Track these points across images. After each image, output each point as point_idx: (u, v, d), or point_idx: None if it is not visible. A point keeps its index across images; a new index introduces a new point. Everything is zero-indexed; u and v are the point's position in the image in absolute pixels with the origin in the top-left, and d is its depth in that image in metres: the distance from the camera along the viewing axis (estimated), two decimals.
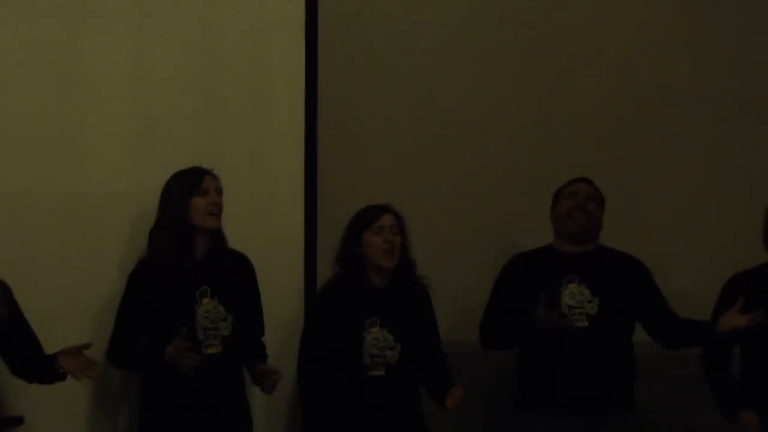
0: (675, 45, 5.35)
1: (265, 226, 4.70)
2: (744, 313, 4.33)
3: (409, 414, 4.42)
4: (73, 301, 4.42)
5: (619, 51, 5.30)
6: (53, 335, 4.14)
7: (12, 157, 4.42)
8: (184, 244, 4.27)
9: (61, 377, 4.08)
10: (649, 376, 4.65)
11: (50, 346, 4.10)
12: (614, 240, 4.69)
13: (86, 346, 4.05)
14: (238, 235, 4.45)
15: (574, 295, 4.52)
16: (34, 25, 4.46)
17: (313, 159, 4.82)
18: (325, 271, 4.70)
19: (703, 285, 4.79)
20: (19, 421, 4.25)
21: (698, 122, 5.35)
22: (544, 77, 5.24)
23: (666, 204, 5.30)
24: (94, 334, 4.27)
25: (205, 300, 4.28)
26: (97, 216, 4.52)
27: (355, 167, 5.04)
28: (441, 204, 5.08)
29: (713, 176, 5.34)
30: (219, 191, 4.32)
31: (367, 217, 4.42)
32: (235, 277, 4.39)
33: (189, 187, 4.28)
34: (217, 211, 4.30)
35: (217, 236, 4.34)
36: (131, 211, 4.52)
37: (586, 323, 4.49)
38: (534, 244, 4.73)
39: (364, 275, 4.42)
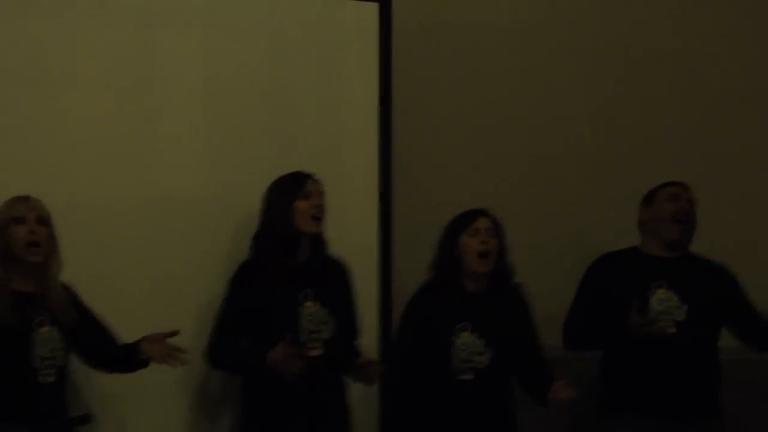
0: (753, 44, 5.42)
1: (340, 229, 4.62)
2: None
3: (499, 418, 4.41)
4: (166, 309, 4.37)
5: (696, 49, 5.35)
6: None
7: (93, 164, 4.37)
8: (289, 247, 4.26)
9: (144, 364, 4.03)
10: (735, 381, 4.67)
11: None
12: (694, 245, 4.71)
13: (172, 334, 4.01)
14: None
15: (662, 301, 4.53)
16: (109, 29, 4.41)
17: (387, 163, 4.82)
18: (400, 274, 4.69)
19: None
20: (86, 419, 4.16)
21: None
22: (624, 78, 5.28)
23: (747, 208, 5.36)
24: (193, 341, 4.21)
25: (309, 303, 4.27)
26: (179, 220, 4.49)
27: (431, 171, 5.03)
28: (519, 207, 5.05)
29: None
30: (321, 195, 4.32)
31: (462, 221, 4.42)
32: (336, 280, 4.40)
33: (292, 190, 4.28)
34: (320, 214, 4.30)
35: (318, 240, 4.34)
36: (211, 214, 4.51)
37: (674, 330, 4.51)
38: (614, 247, 4.71)
39: (458, 280, 4.41)
